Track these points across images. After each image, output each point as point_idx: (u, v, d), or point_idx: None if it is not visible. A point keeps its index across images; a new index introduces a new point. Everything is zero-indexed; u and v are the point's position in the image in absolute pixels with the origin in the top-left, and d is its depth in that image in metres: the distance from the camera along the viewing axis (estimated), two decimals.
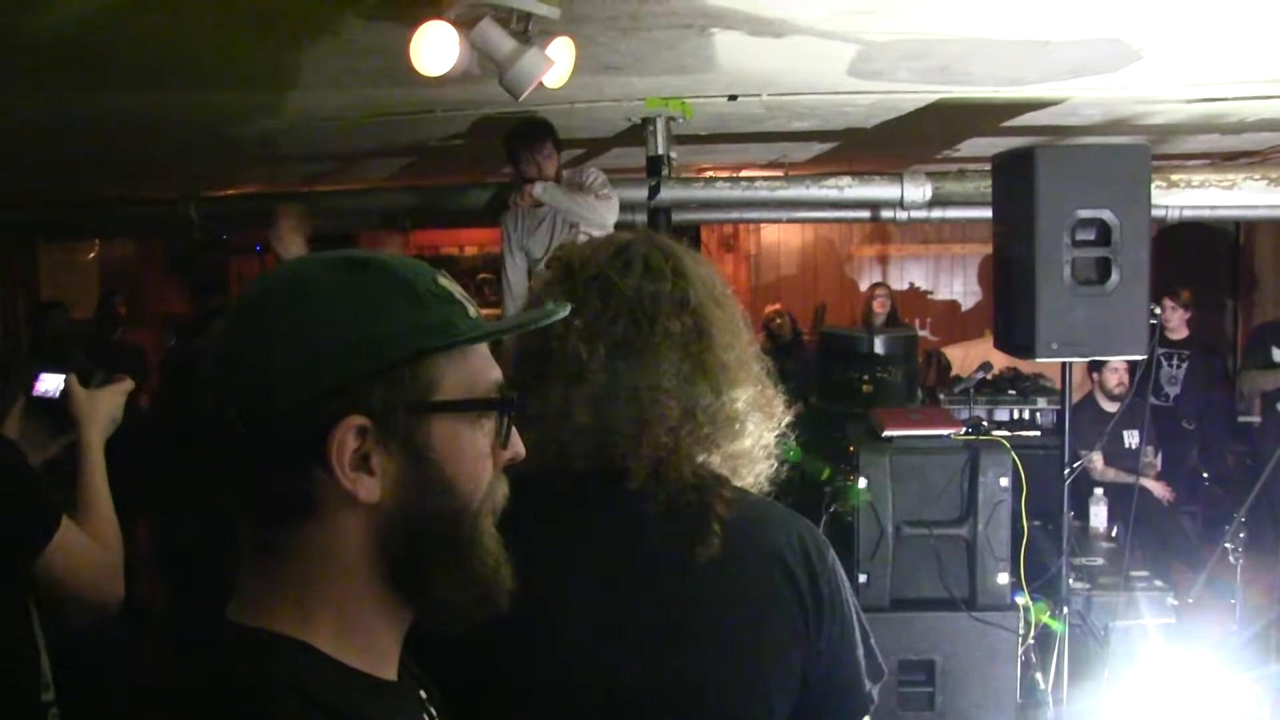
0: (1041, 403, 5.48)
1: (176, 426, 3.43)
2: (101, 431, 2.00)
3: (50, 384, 2.00)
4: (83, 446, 1.98)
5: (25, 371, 2.04)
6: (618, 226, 4.33)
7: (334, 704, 0.80)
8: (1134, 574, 4.11)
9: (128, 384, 2.08)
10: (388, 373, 0.82)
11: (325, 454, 0.80)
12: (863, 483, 3.29)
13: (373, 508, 0.83)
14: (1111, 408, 5.25)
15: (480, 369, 0.88)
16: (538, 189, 4.23)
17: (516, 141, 4.28)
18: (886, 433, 3.42)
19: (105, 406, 2.02)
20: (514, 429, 0.91)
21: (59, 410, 1.99)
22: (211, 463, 0.83)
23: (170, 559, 3.50)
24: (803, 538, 1.24)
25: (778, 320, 7.19)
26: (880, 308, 7.21)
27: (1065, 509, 3.45)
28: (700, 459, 1.23)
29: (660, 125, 4.69)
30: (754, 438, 1.29)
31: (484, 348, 0.90)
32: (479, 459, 0.87)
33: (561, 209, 4.30)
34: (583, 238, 4.15)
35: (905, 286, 8.98)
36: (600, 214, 4.23)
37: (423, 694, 0.96)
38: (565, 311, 0.98)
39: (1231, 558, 3.72)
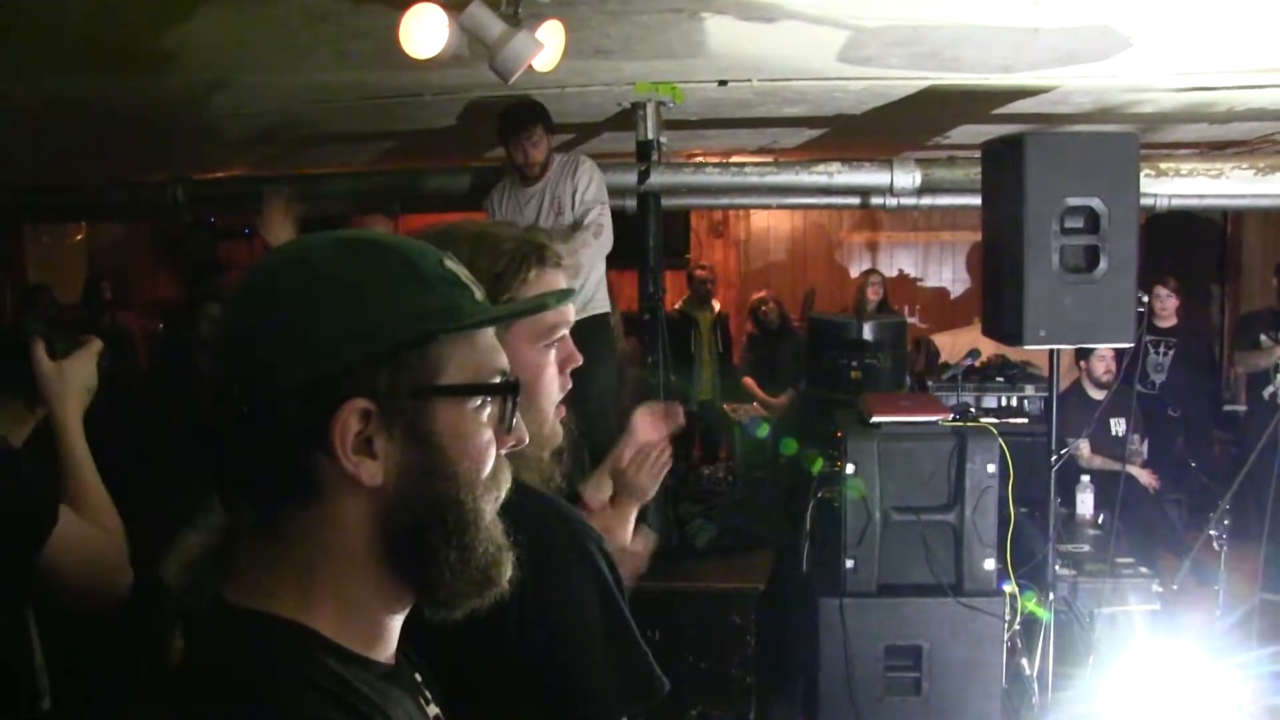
0: (1029, 390, 5.50)
1: (169, 410, 3.40)
2: (78, 405, 1.81)
3: None
4: (60, 427, 1.78)
5: None
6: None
7: (333, 687, 0.80)
8: (1120, 561, 4.14)
9: (96, 344, 1.87)
10: (392, 356, 0.81)
11: (328, 437, 0.80)
12: (850, 468, 3.30)
13: (375, 491, 0.82)
14: (1099, 395, 5.27)
15: (486, 353, 0.88)
16: None
17: (505, 127, 4.22)
18: (875, 419, 3.43)
19: (77, 376, 1.82)
20: (518, 414, 0.91)
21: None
22: (211, 445, 0.83)
23: (163, 543, 3.49)
24: (534, 532, 1.18)
25: (765, 307, 7.18)
26: (874, 294, 7.21)
27: (1052, 496, 3.46)
28: None
29: (650, 110, 4.68)
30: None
31: (489, 332, 0.89)
32: (483, 444, 0.87)
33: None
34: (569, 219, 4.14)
35: (894, 273, 8.97)
36: (597, 254, 4.13)
37: (418, 677, 0.96)
38: (571, 299, 0.97)
39: (1216, 544, 3.75)
